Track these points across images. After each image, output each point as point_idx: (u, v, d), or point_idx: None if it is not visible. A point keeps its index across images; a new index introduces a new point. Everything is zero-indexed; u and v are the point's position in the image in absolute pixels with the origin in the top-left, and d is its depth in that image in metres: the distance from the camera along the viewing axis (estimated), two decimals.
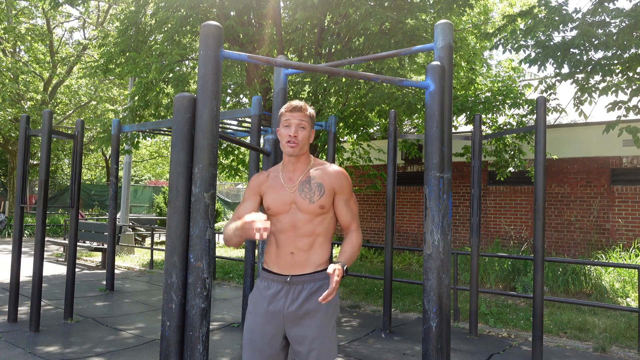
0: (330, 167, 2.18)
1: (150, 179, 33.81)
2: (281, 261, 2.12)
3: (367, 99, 7.72)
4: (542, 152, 4.37)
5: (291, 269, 2.10)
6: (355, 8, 6.76)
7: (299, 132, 2.11)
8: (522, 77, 11.57)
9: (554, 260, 5.34)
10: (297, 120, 2.11)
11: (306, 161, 2.18)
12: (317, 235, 2.12)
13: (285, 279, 2.10)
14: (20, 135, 5.25)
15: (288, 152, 2.11)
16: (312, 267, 2.11)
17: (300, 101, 2.15)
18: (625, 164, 9.38)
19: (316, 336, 2.07)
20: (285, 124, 2.12)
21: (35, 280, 4.93)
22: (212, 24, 2.05)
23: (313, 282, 2.10)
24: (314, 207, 2.09)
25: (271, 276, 2.14)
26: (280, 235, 2.12)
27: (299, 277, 2.10)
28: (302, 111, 2.12)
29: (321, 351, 2.07)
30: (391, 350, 4.61)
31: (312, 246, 2.11)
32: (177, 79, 7.62)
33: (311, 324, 2.07)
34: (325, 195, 2.11)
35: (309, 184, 2.12)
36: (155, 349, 4.44)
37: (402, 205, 11.98)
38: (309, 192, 2.11)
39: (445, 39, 2.60)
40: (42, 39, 18.25)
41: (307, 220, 2.10)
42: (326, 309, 2.10)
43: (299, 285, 2.09)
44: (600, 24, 5.98)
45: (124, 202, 12.10)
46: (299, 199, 2.10)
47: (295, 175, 2.16)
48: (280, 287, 2.10)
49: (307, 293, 2.09)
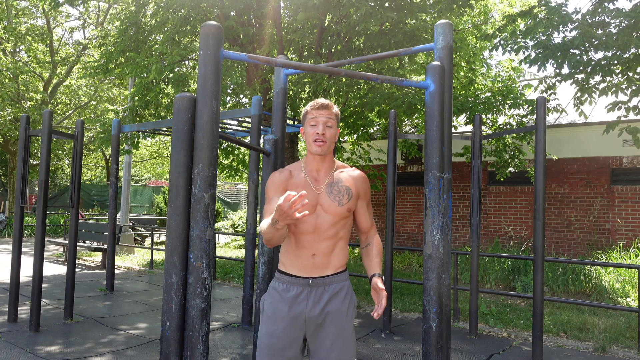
0: (353, 171, 2.17)
1: (150, 179, 33.81)
2: (302, 263, 2.07)
3: (367, 99, 7.72)
4: (542, 152, 4.37)
5: (312, 271, 2.06)
6: (356, 8, 6.76)
7: (327, 130, 2.07)
8: (522, 77, 11.57)
9: (554, 260, 5.34)
10: (324, 118, 2.07)
11: (331, 162, 2.14)
12: (340, 239, 2.10)
13: (307, 281, 2.06)
14: (20, 135, 5.25)
15: (316, 150, 2.07)
16: (332, 269, 2.09)
17: (325, 99, 2.11)
18: (625, 164, 9.38)
19: (336, 338, 2.05)
20: (312, 123, 2.08)
21: (35, 280, 4.93)
22: (212, 24, 2.05)
23: (334, 283, 2.08)
24: (342, 210, 2.06)
25: (290, 279, 2.09)
26: (302, 237, 2.07)
27: (321, 279, 2.07)
28: (329, 109, 2.08)
29: (342, 353, 2.04)
30: (391, 350, 4.61)
31: (333, 249, 2.08)
32: (177, 79, 7.62)
33: (332, 325, 2.05)
34: (352, 198, 2.09)
35: (337, 186, 2.09)
36: (155, 349, 4.44)
37: (402, 205, 11.98)
38: (337, 194, 2.07)
39: (445, 39, 2.60)
40: (42, 39, 18.25)
41: (332, 223, 2.06)
42: (346, 310, 2.08)
43: (320, 287, 2.06)
44: (600, 24, 5.98)
45: (124, 202, 12.10)
46: (326, 200, 2.07)
47: (320, 175, 2.12)
48: (301, 290, 2.06)
49: (329, 295, 2.06)
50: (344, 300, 2.08)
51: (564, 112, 7.65)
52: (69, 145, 23.27)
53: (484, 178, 10.76)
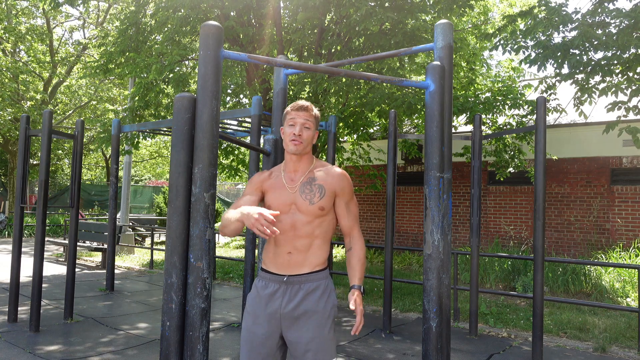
0: (332, 169, 2.18)
1: (150, 179, 33.81)
2: (279, 261, 2.12)
3: (367, 99, 7.72)
4: (542, 152, 4.37)
5: (288, 268, 2.10)
6: (356, 8, 6.76)
7: (304, 132, 2.11)
8: (522, 77, 11.57)
9: (554, 260, 5.34)
10: (302, 120, 2.12)
11: (308, 162, 2.18)
12: (316, 237, 2.12)
13: (282, 278, 2.10)
14: (20, 135, 5.25)
15: (291, 149, 2.11)
16: (309, 267, 2.11)
17: (306, 101, 2.16)
18: (625, 164, 9.38)
19: (312, 337, 2.06)
20: (290, 123, 2.13)
21: (35, 280, 4.93)
22: (212, 24, 2.05)
23: (310, 282, 2.10)
24: (314, 208, 2.09)
25: (269, 276, 2.14)
26: (279, 235, 2.11)
27: (296, 277, 2.10)
28: (308, 111, 2.13)
29: (318, 352, 2.06)
30: (391, 350, 4.61)
31: (310, 247, 2.12)
32: (177, 79, 7.62)
33: (308, 324, 2.07)
34: (325, 197, 2.11)
35: (310, 185, 2.12)
36: (155, 349, 4.44)
37: (402, 205, 11.98)
38: (309, 193, 2.11)
39: (445, 39, 2.60)
40: (42, 38, 18.25)
41: (307, 222, 2.10)
42: (323, 309, 2.10)
43: (295, 285, 2.09)
44: (600, 24, 5.98)
45: (124, 202, 12.10)
46: (299, 199, 2.10)
47: (297, 175, 2.16)
48: (277, 287, 2.10)
49: (303, 293, 2.09)
50: (319, 298, 2.10)
51: (564, 112, 7.65)
52: (69, 145, 23.27)
53: (484, 178, 10.76)
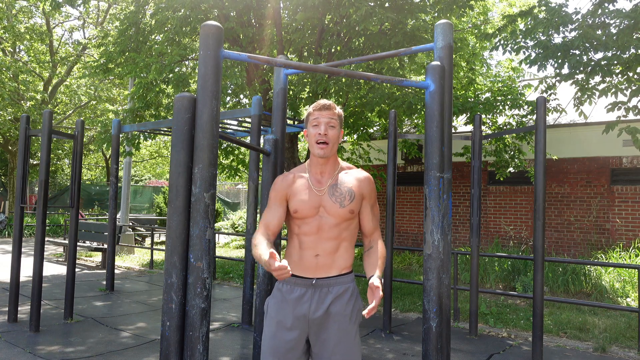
0: (358, 172, 2.15)
1: (150, 179, 33.80)
2: (305, 264, 2.06)
3: (367, 99, 7.72)
4: (542, 152, 4.37)
5: (316, 271, 2.05)
6: (356, 8, 6.76)
7: (329, 131, 2.05)
8: (522, 76, 11.58)
9: (554, 260, 5.34)
10: (326, 119, 2.06)
11: (334, 163, 2.13)
12: (343, 240, 2.08)
13: (310, 281, 2.05)
14: (20, 135, 5.25)
15: (318, 153, 2.05)
16: (336, 270, 2.06)
17: (327, 100, 2.10)
18: (625, 164, 9.38)
19: (339, 341, 2.02)
20: (314, 123, 2.06)
21: (35, 280, 4.93)
22: (212, 24, 2.05)
23: (338, 285, 2.06)
24: (344, 211, 2.05)
25: (294, 279, 2.07)
26: (305, 238, 2.06)
27: (325, 279, 2.05)
28: (331, 109, 2.07)
29: (344, 355, 2.02)
30: (391, 350, 4.61)
31: (337, 250, 2.07)
32: (177, 79, 7.62)
33: (335, 328, 2.02)
34: (355, 200, 2.07)
35: (339, 188, 2.07)
36: (155, 349, 4.44)
37: (402, 205, 11.98)
38: (339, 196, 2.06)
39: (445, 39, 2.60)
40: (41, 38, 18.25)
41: (335, 224, 2.05)
42: (350, 313, 2.05)
43: (324, 288, 2.04)
44: (600, 25, 5.98)
45: (124, 202, 12.10)
46: (328, 202, 2.06)
47: (324, 178, 2.11)
48: (304, 291, 2.05)
49: (332, 296, 2.04)
50: (348, 302, 2.06)
51: (564, 112, 7.65)
52: (69, 145, 23.27)
53: (484, 178, 10.76)
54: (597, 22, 6.01)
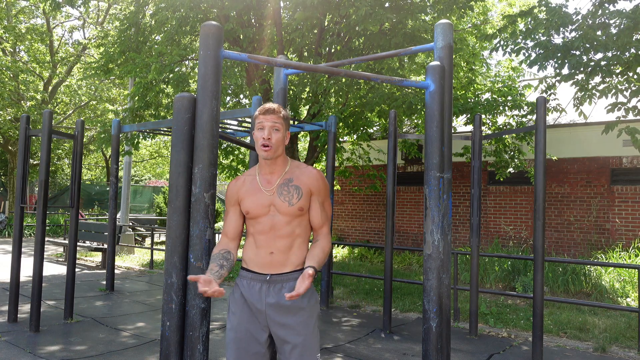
0: (307, 169, 2.21)
1: (150, 179, 33.80)
2: (260, 261, 2.13)
3: (367, 99, 7.71)
4: (542, 152, 4.37)
5: (270, 268, 2.13)
6: (356, 8, 6.76)
7: (273, 134, 2.11)
8: (522, 76, 11.57)
9: (554, 260, 5.34)
10: (270, 123, 2.11)
11: (283, 163, 2.19)
12: (297, 237, 2.15)
13: (264, 277, 2.12)
14: (20, 135, 5.25)
15: (263, 155, 2.12)
16: (290, 266, 2.14)
17: (273, 103, 2.16)
18: (625, 164, 9.38)
19: (299, 334, 2.10)
20: (259, 127, 2.12)
21: (35, 280, 4.93)
22: (212, 24, 2.05)
23: (292, 280, 2.13)
24: (293, 209, 2.12)
25: (250, 275, 2.15)
26: (260, 237, 2.14)
27: (278, 275, 2.13)
28: (276, 113, 2.13)
29: (304, 348, 2.10)
30: (391, 350, 4.61)
31: (291, 247, 2.14)
32: (177, 79, 7.62)
33: (293, 321, 2.11)
34: (303, 197, 2.14)
35: (287, 187, 2.14)
36: (155, 349, 4.44)
37: (402, 205, 11.98)
38: (287, 194, 2.13)
39: (445, 39, 2.60)
40: (42, 38, 18.24)
41: (286, 222, 2.12)
42: (307, 305, 2.14)
43: (277, 284, 2.12)
44: (600, 25, 5.98)
45: (124, 202, 12.10)
46: (277, 201, 2.12)
47: (273, 177, 2.17)
48: (260, 286, 2.13)
49: (286, 291, 2.12)
50: (303, 296, 2.13)
51: (564, 112, 7.65)
52: (69, 145, 23.27)
53: (484, 178, 10.76)
54: (597, 22, 6.01)
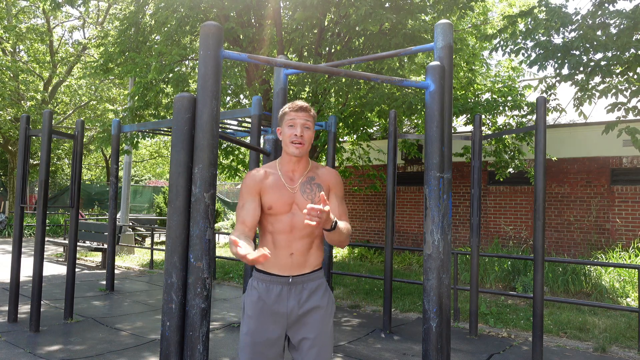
0: (326, 168, 2.23)
1: (150, 179, 33.79)
2: (280, 262, 2.11)
3: (367, 99, 7.71)
4: (542, 152, 4.37)
5: (291, 269, 2.11)
6: (355, 8, 6.76)
7: (305, 132, 2.10)
8: (522, 76, 11.57)
9: (554, 260, 5.34)
10: (302, 120, 2.10)
11: (306, 162, 2.19)
12: (315, 237, 2.15)
13: (287, 279, 2.11)
14: (20, 135, 5.25)
15: (293, 152, 2.09)
16: (309, 267, 2.15)
17: (303, 102, 2.15)
18: (625, 164, 9.38)
19: (318, 333, 2.11)
20: (290, 124, 2.10)
21: (35, 280, 4.93)
22: (212, 24, 2.05)
23: (312, 281, 2.15)
24: None
25: (269, 277, 2.12)
26: (279, 236, 2.11)
27: (300, 277, 2.12)
28: (307, 111, 2.12)
29: (321, 348, 2.11)
30: (391, 350, 4.61)
31: (310, 247, 2.14)
32: (177, 79, 7.62)
33: (313, 321, 2.11)
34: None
35: (309, 185, 2.13)
36: (155, 349, 4.44)
37: (402, 205, 11.98)
38: (310, 192, 2.12)
39: (445, 39, 2.59)
40: (42, 38, 18.24)
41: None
42: (325, 306, 2.15)
43: (299, 285, 2.12)
44: (600, 25, 5.98)
45: (124, 202, 12.10)
46: (300, 199, 2.10)
47: (296, 175, 2.15)
48: (280, 288, 2.11)
49: (308, 292, 2.12)
50: (322, 296, 2.16)
51: (564, 112, 7.65)
52: (69, 145, 23.26)
53: (484, 178, 10.76)
54: (597, 22, 6.01)
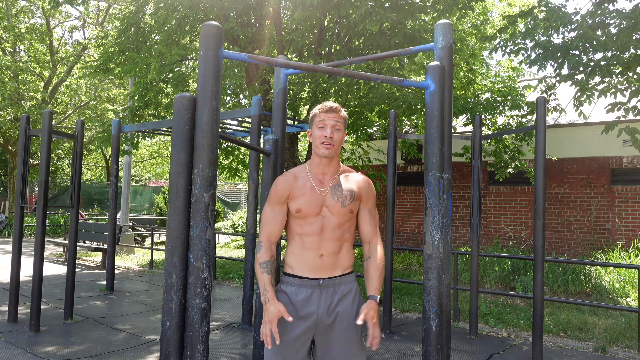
0: (357, 174, 2.21)
1: (150, 179, 33.79)
2: (309, 263, 2.09)
3: (367, 99, 7.71)
4: (542, 152, 4.37)
5: (321, 271, 2.09)
6: (355, 8, 6.76)
7: (335, 134, 2.09)
8: (522, 76, 11.58)
9: (554, 260, 5.34)
10: (332, 122, 2.09)
11: (337, 165, 2.17)
12: (345, 240, 2.13)
13: (317, 282, 2.08)
14: (20, 135, 5.25)
15: (323, 153, 2.08)
16: (340, 270, 2.11)
17: (334, 103, 2.15)
18: (625, 164, 9.38)
19: (347, 339, 2.07)
20: (320, 125, 2.10)
21: (35, 280, 4.93)
22: (212, 24, 2.05)
23: (344, 284, 2.11)
24: (345, 210, 2.09)
25: (299, 281, 2.10)
26: (308, 238, 2.09)
27: (330, 280, 2.09)
28: (337, 112, 2.11)
29: (350, 353, 2.07)
30: (391, 350, 4.61)
31: (340, 250, 2.11)
32: (177, 79, 7.62)
33: (341, 327, 2.07)
34: (355, 200, 2.12)
35: (340, 188, 2.12)
36: (155, 349, 4.44)
37: (402, 205, 11.98)
38: (340, 195, 2.10)
39: (445, 39, 2.59)
40: (42, 38, 18.24)
41: (337, 224, 2.09)
42: (356, 311, 2.11)
43: (330, 288, 2.09)
44: (600, 25, 5.98)
45: (124, 202, 12.10)
46: (331, 202, 2.09)
47: (326, 178, 2.14)
48: (311, 291, 2.08)
49: (339, 296, 2.09)
50: (353, 301, 2.11)
51: (564, 112, 7.65)
52: (69, 145, 23.26)
53: (484, 178, 10.76)
54: (597, 22, 6.01)
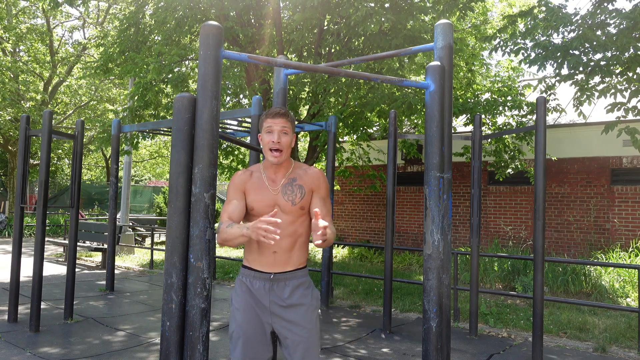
0: (309, 169, 2.26)
1: (150, 179, 33.78)
2: (264, 259, 2.17)
3: (367, 99, 7.71)
4: (542, 152, 4.37)
5: (274, 267, 2.17)
6: (355, 9, 6.76)
7: (282, 138, 2.14)
8: (522, 76, 11.58)
9: (554, 260, 5.34)
10: (279, 127, 2.14)
11: (288, 164, 2.23)
12: (299, 236, 2.19)
13: (268, 276, 2.17)
14: (20, 135, 5.25)
15: (272, 161, 2.15)
16: (292, 265, 2.19)
17: (281, 107, 2.19)
18: (625, 164, 9.38)
19: (302, 328, 2.15)
20: (268, 130, 2.15)
21: (35, 280, 4.93)
22: (212, 24, 2.05)
23: (295, 279, 2.19)
24: (296, 208, 2.16)
25: (253, 273, 2.19)
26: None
27: (282, 274, 2.17)
28: (284, 117, 2.15)
29: (308, 343, 2.15)
30: (391, 350, 4.61)
31: (293, 246, 2.19)
32: (177, 79, 7.61)
33: (296, 317, 2.15)
34: (305, 196, 2.18)
35: (290, 186, 2.18)
36: (155, 349, 4.44)
37: (402, 205, 11.97)
38: (291, 194, 2.16)
39: (445, 39, 2.60)
40: (42, 38, 18.24)
41: (290, 222, 2.16)
42: (309, 303, 2.19)
43: (281, 282, 2.17)
44: (600, 25, 5.98)
45: (124, 202, 12.10)
46: (281, 200, 2.16)
47: (278, 177, 2.20)
48: (263, 284, 2.17)
49: (290, 289, 2.17)
50: (304, 293, 2.19)
51: (564, 112, 7.65)
52: (69, 145, 23.26)
53: (484, 178, 10.76)
54: (596, 22, 6.01)
